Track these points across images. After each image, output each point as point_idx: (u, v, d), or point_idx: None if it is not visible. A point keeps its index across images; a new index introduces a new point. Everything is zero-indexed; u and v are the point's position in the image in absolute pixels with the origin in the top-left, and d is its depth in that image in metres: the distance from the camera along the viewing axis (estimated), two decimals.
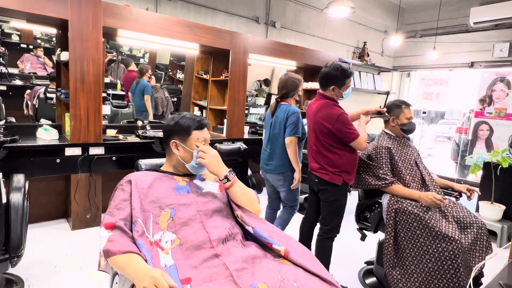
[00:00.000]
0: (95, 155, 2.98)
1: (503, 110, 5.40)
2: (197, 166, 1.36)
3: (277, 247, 1.21)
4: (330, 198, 2.14)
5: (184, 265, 1.09)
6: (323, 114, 2.06)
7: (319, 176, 2.14)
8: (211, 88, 4.20)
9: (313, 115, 2.15)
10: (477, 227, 1.99)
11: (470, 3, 5.85)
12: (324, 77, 2.13)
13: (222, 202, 1.37)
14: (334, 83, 2.09)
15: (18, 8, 2.53)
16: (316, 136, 2.14)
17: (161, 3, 3.99)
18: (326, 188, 2.13)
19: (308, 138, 2.30)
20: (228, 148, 3.00)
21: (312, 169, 2.22)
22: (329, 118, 2.03)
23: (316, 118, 2.11)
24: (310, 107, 2.23)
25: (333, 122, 2.01)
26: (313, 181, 2.21)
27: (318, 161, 2.15)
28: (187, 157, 1.37)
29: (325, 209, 2.19)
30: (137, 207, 1.20)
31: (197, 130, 1.37)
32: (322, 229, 2.21)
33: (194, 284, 1.02)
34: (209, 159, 1.33)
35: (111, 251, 1.07)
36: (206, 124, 1.42)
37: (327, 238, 2.19)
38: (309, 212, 2.41)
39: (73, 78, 2.82)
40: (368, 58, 6.25)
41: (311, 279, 1.11)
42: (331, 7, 3.61)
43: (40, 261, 2.45)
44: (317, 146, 2.14)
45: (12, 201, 1.73)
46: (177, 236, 1.17)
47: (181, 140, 1.37)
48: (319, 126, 2.09)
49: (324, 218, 2.19)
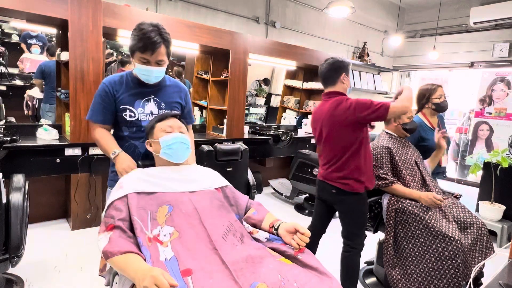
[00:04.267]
0: (95, 155, 2.98)
1: (503, 110, 5.40)
2: (168, 153, 1.40)
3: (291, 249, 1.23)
4: (351, 210, 1.96)
5: (184, 256, 1.09)
6: (342, 108, 1.85)
7: (337, 187, 1.93)
8: (211, 88, 4.20)
9: (329, 116, 1.91)
10: (478, 228, 1.99)
11: (470, 3, 5.85)
12: (331, 69, 1.96)
13: (218, 199, 1.37)
14: (344, 70, 1.95)
15: (18, 8, 2.52)
16: (334, 141, 1.92)
17: (161, 3, 3.99)
18: (345, 200, 1.95)
19: (323, 146, 2.03)
20: (228, 148, 3.00)
21: (327, 178, 1.99)
22: (349, 108, 1.82)
23: (335, 118, 1.88)
24: (321, 111, 2.00)
25: (355, 109, 1.80)
26: (329, 192, 1.99)
27: (338, 170, 1.93)
28: (157, 149, 1.43)
29: (348, 222, 2.00)
30: (134, 206, 1.20)
31: (159, 122, 1.47)
32: (347, 244, 2.01)
33: (194, 278, 1.02)
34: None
35: (111, 252, 1.07)
36: (168, 116, 1.51)
37: (355, 254, 2.00)
38: (316, 223, 2.20)
39: (73, 78, 2.82)
40: (368, 58, 6.25)
41: (312, 279, 1.11)
42: (331, 7, 3.61)
43: (40, 261, 2.45)
44: (335, 151, 1.93)
45: (12, 201, 1.73)
46: (176, 229, 1.18)
47: (150, 136, 1.47)
48: (340, 125, 1.87)
49: (347, 232, 2.00)
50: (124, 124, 1.61)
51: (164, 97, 1.65)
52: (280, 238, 1.29)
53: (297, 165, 3.92)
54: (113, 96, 1.57)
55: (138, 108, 1.59)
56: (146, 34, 1.44)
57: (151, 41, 1.45)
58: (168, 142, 1.40)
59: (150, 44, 1.45)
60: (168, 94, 1.67)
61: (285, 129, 4.87)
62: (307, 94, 5.36)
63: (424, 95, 2.47)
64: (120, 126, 1.62)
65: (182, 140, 1.43)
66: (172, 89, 1.70)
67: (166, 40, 1.51)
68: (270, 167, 4.81)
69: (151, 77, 1.55)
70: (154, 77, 1.57)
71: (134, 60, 1.52)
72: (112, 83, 1.58)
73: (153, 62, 1.50)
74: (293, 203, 4.14)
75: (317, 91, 5.16)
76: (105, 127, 1.61)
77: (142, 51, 1.46)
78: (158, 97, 1.64)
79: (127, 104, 1.58)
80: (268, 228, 1.34)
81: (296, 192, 4.05)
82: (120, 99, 1.57)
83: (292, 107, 5.36)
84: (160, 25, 1.49)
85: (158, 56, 1.49)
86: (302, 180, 3.85)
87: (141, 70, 1.53)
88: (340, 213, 2.02)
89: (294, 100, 5.34)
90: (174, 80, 1.75)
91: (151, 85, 1.61)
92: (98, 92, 1.58)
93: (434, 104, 2.43)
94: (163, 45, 1.49)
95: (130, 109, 1.58)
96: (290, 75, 5.34)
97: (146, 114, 1.61)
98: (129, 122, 1.59)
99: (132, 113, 1.58)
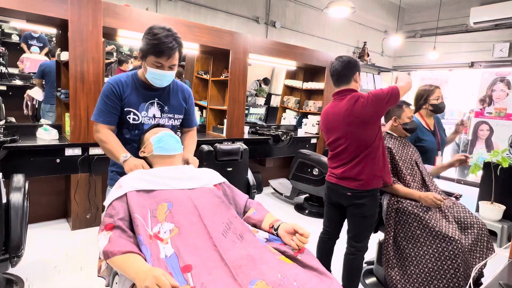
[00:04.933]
0: (95, 155, 2.98)
1: (503, 110, 5.40)
2: (161, 145, 1.45)
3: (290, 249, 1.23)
4: (366, 213, 1.92)
5: (184, 252, 1.09)
6: (361, 103, 1.82)
7: (353, 189, 1.89)
8: (211, 88, 4.20)
9: (349, 113, 1.86)
10: (478, 228, 1.99)
11: (470, 3, 5.85)
12: (347, 67, 1.93)
13: (217, 196, 1.37)
14: (358, 69, 1.97)
15: (18, 8, 2.52)
16: (354, 138, 1.87)
17: (161, 3, 3.99)
18: (361, 203, 1.91)
19: (340, 146, 1.95)
20: (228, 148, 3.00)
21: (343, 177, 1.93)
22: (368, 101, 1.81)
23: (354, 113, 1.83)
24: (336, 110, 1.94)
25: (374, 101, 1.80)
26: (343, 195, 1.94)
27: (357, 168, 1.88)
28: (150, 149, 1.49)
29: (358, 225, 1.96)
30: (134, 204, 1.20)
31: (146, 133, 1.57)
32: (354, 247, 1.99)
33: (194, 274, 1.02)
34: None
35: (111, 252, 1.07)
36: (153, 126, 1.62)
37: (360, 257, 1.99)
38: (329, 228, 2.15)
39: (73, 78, 2.82)
40: (368, 58, 6.26)
41: (312, 279, 1.11)
42: (331, 7, 3.61)
43: (40, 261, 2.45)
44: (355, 148, 1.88)
45: (12, 201, 1.73)
46: (176, 225, 1.18)
47: (142, 145, 1.55)
48: (361, 120, 1.83)
49: (357, 235, 1.97)
50: (126, 126, 1.60)
51: (168, 101, 1.65)
52: (280, 238, 1.29)
53: (297, 165, 3.92)
54: (120, 97, 1.56)
55: (142, 111, 1.59)
56: (162, 39, 1.43)
57: (168, 46, 1.44)
58: (158, 137, 1.46)
59: (166, 49, 1.44)
60: (172, 98, 1.67)
61: (285, 129, 4.87)
62: (307, 94, 5.36)
63: (422, 95, 2.48)
64: (121, 128, 1.62)
65: (171, 134, 1.50)
66: (177, 92, 1.70)
67: (180, 45, 1.51)
68: (270, 167, 4.81)
69: (163, 81, 1.55)
70: (166, 81, 1.57)
71: (146, 63, 1.51)
72: (119, 83, 1.57)
73: (167, 66, 1.50)
74: (293, 203, 4.14)
75: (317, 91, 5.16)
76: (110, 128, 1.59)
77: (158, 56, 1.46)
78: (162, 100, 1.64)
79: (132, 106, 1.57)
80: (268, 229, 1.34)
81: (296, 192, 4.05)
82: (126, 101, 1.57)
83: (292, 107, 5.36)
84: (172, 29, 1.50)
85: (172, 61, 1.50)
86: (302, 180, 3.84)
87: (154, 74, 1.52)
88: (352, 216, 1.97)
89: (294, 100, 5.34)
90: (179, 82, 1.75)
91: (156, 88, 1.61)
92: (105, 93, 1.56)
93: (431, 105, 2.43)
94: (178, 50, 1.50)
95: (134, 112, 1.58)
96: (290, 75, 5.34)
97: (149, 118, 1.61)
98: (132, 124, 1.59)
99: (136, 116, 1.58)
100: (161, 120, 1.64)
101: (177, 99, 1.69)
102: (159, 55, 1.46)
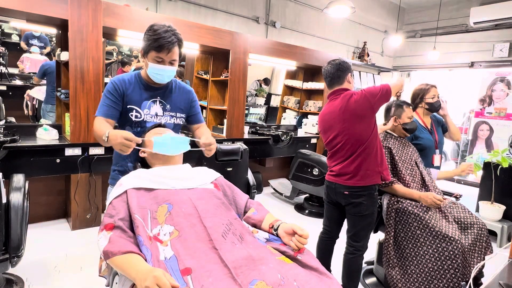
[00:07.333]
0: (95, 155, 2.98)
1: (503, 110, 5.40)
2: (161, 141, 1.43)
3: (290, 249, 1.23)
4: (364, 212, 1.93)
5: (184, 255, 1.09)
6: (355, 99, 1.86)
7: (351, 186, 1.92)
8: (211, 88, 4.20)
9: (344, 110, 1.89)
10: (478, 228, 1.99)
11: (470, 3, 5.86)
12: (339, 69, 1.97)
13: (217, 197, 1.37)
14: (350, 71, 2.01)
15: (18, 8, 2.53)
16: (350, 134, 1.90)
17: (161, 3, 3.99)
18: (359, 201, 1.92)
19: (337, 145, 1.98)
20: (228, 148, 3.00)
21: (341, 174, 1.96)
22: (362, 97, 1.84)
23: (349, 110, 1.87)
24: (332, 109, 1.98)
25: (367, 96, 1.83)
26: (341, 194, 1.97)
27: (354, 163, 1.90)
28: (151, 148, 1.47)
29: (357, 224, 1.97)
30: (134, 204, 1.20)
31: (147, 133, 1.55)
32: (353, 246, 2.00)
33: (194, 277, 1.02)
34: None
35: (111, 252, 1.07)
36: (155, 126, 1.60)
37: (359, 256, 2.00)
38: (329, 227, 2.17)
39: (73, 78, 2.82)
40: (368, 58, 6.25)
41: (312, 279, 1.11)
42: (331, 7, 3.61)
43: (40, 261, 2.45)
44: (351, 145, 1.90)
45: (12, 201, 1.73)
46: (175, 228, 1.18)
47: (143, 146, 1.48)
48: (356, 116, 1.86)
49: (356, 235, 1.98)
50: (128, 124, 1.62)
51: (170, 100, 1.67)
52: (280, 238, 1.29)
53: (297, 165, 3.92)
54: (122, 93, 1.59)
55: (144, 109, 1.61)
56: (162, 34, 1.48)
57: (167, 41, 1.49)
58: (158, 137, 1.46)
59: (166, 43, 1.49)
60: (174, 97, 1.69)
61: (285, 129, 4.87)
62: (307, 94, 5.36)
63: (418, 94, 2.52)
64: (124, 126, 1.63)
65: (171, 135, 1.49)
66: (179, 92, 1.72)
67: (180, 40, 1.55)
68: (270, 167, 4.81)
69: (164, 76, 1.57)
70: (167, 77, 1.59)
71: (147, 60, 1.54)
72: (122, 81, 1.61)
73: (167, 61, 1.53)
74: (293, 203, 4.14)
75: (317, 91, 5.16)
76: (107, 121, 1.58)
77: (158, 50, 1.50)
78: (164, 99, 1.66)
79: (134, 104, 1.60)
80: (268, 229, 1.34)
81: (296, 192, 4.05)
82: (128, 98, 1.60)
83: (292, 107, 5.36)
84: (172, 25, 1.54)
85: (172, 56, 1.53)
86: (302, 180, 3.84)
87: (154, 70, 1.54)
88: (351, 215, 1.98)
89: (294, 100, 5.34)
90: (182, 83, 1.77)
91: (159, 87, 1.63)
92: (107, 89, 1.60)
93: (427, 104, 2.46)
94: (178, 45, 1.54)
95: (136, 109, 1.60)
96: (290, 75, 5.34)
97: (152, 116, 1.62)
98: (134, 122, 1.61)
99: (138, 114, 1.61)
100: (163, 118, 1.65)
101: (179, 98, 1.71)
102: (159, 50, 1.49)
